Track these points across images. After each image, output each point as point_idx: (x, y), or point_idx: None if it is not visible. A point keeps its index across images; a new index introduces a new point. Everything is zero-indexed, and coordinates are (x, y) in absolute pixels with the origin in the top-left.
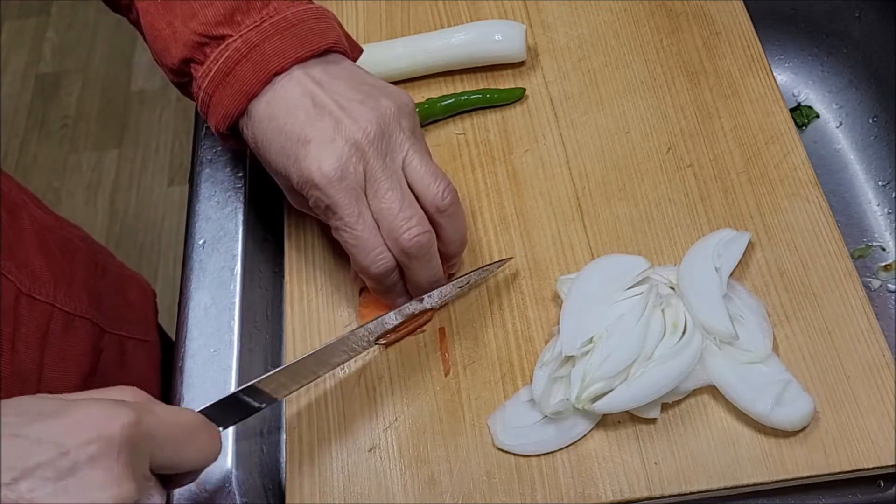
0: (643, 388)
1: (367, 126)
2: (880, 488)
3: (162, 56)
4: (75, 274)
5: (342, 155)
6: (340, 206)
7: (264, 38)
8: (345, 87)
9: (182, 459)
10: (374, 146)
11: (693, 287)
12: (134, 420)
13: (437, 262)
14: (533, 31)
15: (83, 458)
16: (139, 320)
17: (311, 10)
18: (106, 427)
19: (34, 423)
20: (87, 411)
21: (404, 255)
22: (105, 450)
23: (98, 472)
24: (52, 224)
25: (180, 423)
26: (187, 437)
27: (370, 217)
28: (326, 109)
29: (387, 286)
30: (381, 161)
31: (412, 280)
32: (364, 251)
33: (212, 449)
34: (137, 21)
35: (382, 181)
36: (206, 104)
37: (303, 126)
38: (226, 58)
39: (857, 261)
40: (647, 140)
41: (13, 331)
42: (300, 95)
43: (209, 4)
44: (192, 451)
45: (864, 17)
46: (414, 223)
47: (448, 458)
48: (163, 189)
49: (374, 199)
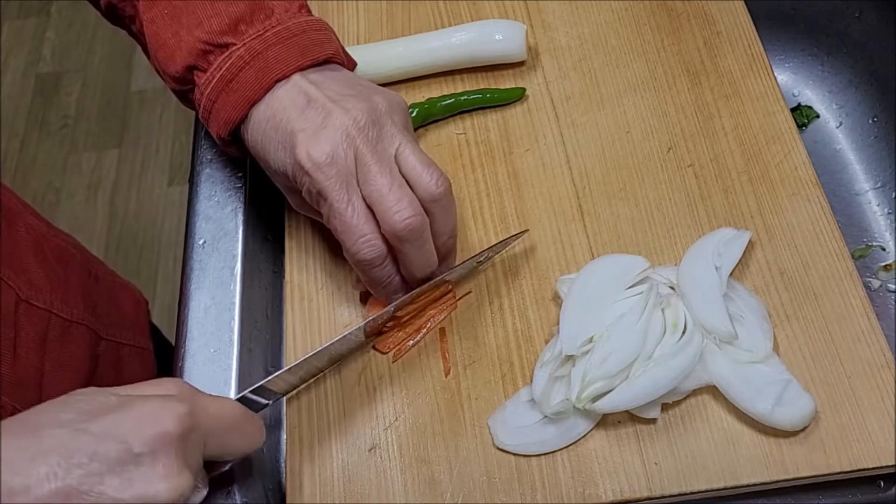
0: (643, 388)
1: (358, 115)
2: (880, 488)
3: (166, 64)
4: (70, 281)
5: (332, 141)
6: (330, 191)
7: (267, 46)
8: (339, 86)
9: (230, 448)
10: (364, 134)
11: (693, 286)
12: (187, 412)
13: (431, 247)
14: (533, 30)
15: (145, 452)
16: (133, 327)
17: (312, 23)
18: (163, 422)
19: (98, 419)
20: (146, 406)
21: (397, 238)
22: (164, 444)
23: (159, 465)
24: (46, 232)
25: (226, 415)
26: (234, 427)
27: (361, 205)
28: (319, 103)
29: (379, 278)
30: (372, 148)
31: (406, 267)
32: (352, 237)
33: (256, 437)
34: (140, 32)
35: (373, 165)
36: (208, 110)
37: (296, 119)
38: (229, 65)
39: (857, 261)
40: (648, 140)
41: (14, 337)
42: (296, 94)
43: (214, 14)
44: (238, 440)
45: (864, 17)
46: (405, 205)
47: (448, 458)
48: (163, 189)
49: (365, 185)
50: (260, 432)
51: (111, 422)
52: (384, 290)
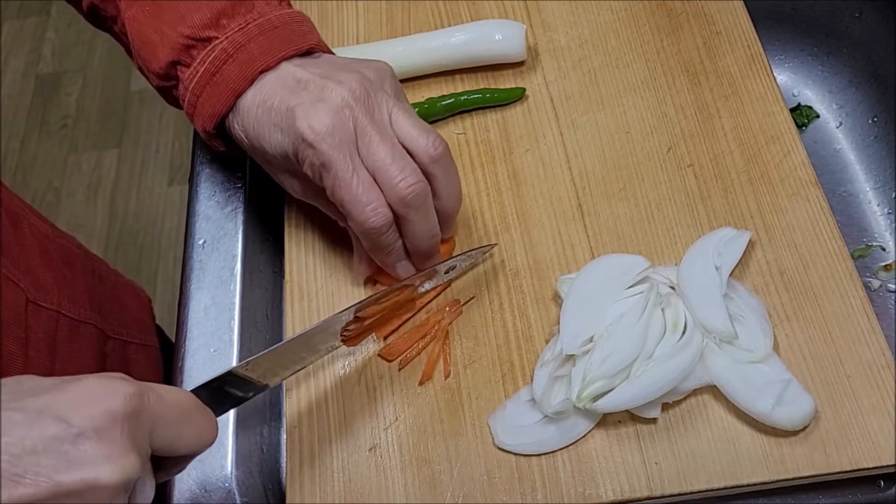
0: (644, 388)
1: (353, 85)
2: (880, 488)
3: (149, 61)
4: (76, 282)
5: (331, 111)
6: (334, 161)
7: (249, 38)
8: (326, 66)
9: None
10: (361, 103)
11: (693, 286)
12: (135, 392)
13: (434, 215)
14: (533, 31)
15: (87, 431)
16: (138, 325)
17: (294, 14)
18: (108, 400)
19: (33, 397)
20: (88, 384)
21: (403, 205)
22: (109, 422)
23: (103, 445)
24: (50, 233)
25: (178, 402)
26: (186, 416)
27: (365, 173)
28: (311, 82)
29: (384, 245)
30: (370, 117)
31: (411, 236)
32: (359, 206)
33: (209, 432)
34: (122, 31)
35: (373, 135)
36: (193, 105)
37: (289, 98)
38: (213, 58)
39: (857, 261)
40: (648, 140)
41: (25, 337)
42: (286, 77)
43: (195, 9)
44: (190, 431)
45: (864, 17)
46: (409, 172)
47: (449, 458)
48: (163, 189)
49: (368, 155)
50: (213, 427)
51: (48, 398)
52: (389, 257)
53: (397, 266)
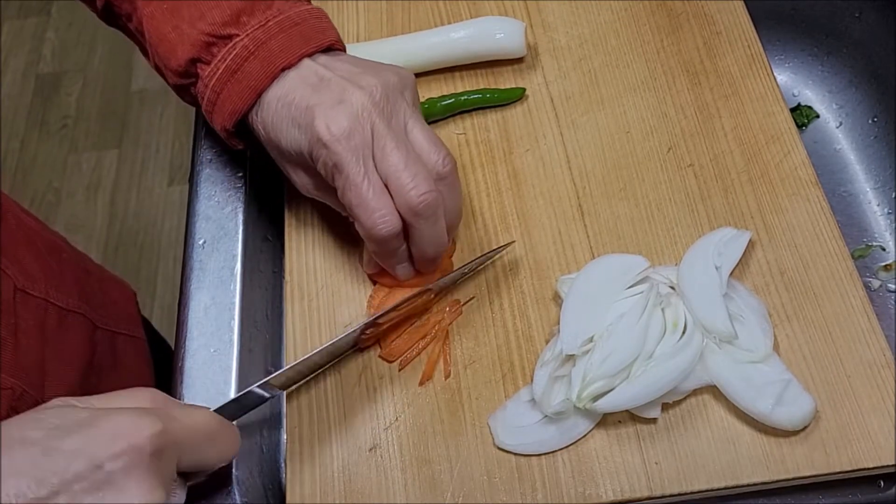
0: (644, 387)
1: (373, 90)
2: (880, 488)
3: (167, 58)
4: (64, 273)
5: (350, 114)
6: (346, 163)
7: (270, 36)
8: (348, 66)
9: (205, 460)
10: (379, 108)
11: (693, 286)
12: (161, 429)
13: (443, 224)
14: (533, 30)
15: (117, 470)
16: (125, 317)
17: (312, 11)
18: (135, 438)
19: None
20: (118, 421)
21: (413, 213)
22: (136, 460)
23: (131, 483)
24: (37, 227)
25: (201, 426)
26: (209, 439)
27: (377, 179)
28: (333, 82)
29: (388, 249)
30: (387, 123)
31: (417, 243)
32: (367, 211)
33: (232, 448)
34: (138, 29)
35: (389, 141)
36: (212, 102)
37: (311, 96)
38: (234, 55)
39: (857, 261)
40: (648, 140)
41: (14, 324)
42: (308, 75)
43: (215, 6)
44: (213, 452)
45: (864, 17)
46: (421, 180)
47: (449, 458)
48: (163, 189)
49: (381, 160)
50: (235, 442)
51: (82, 439)
52: (393, 261)
53: (398, 268)
